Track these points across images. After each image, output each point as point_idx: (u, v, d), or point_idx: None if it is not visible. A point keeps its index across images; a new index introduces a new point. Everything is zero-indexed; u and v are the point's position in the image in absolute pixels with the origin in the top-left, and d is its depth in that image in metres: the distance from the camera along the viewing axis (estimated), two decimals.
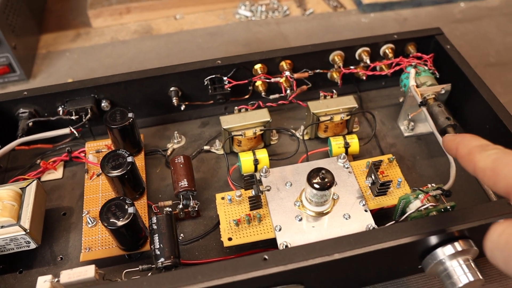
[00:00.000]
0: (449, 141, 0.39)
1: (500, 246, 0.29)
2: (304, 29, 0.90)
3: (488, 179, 0.32)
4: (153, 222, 0.49)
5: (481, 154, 0.33)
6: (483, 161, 0.33)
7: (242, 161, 0.58)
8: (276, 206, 0.52)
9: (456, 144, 0.37)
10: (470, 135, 0.37)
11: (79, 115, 0.63)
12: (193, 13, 0.95)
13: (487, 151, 0.33)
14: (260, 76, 0.65)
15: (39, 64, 0.85)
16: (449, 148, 0.38)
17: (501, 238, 0.29)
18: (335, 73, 0.69)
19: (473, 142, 0.35)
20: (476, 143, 0.35)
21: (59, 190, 0.62)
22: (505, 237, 0.29)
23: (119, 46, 0.88)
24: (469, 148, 0.35)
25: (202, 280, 0.42)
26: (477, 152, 0.34)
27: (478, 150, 0.34)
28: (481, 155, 0.33)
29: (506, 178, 0.30)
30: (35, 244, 0.52)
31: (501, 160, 0.32)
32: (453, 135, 0.39)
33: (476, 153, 0.34)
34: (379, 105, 0.72)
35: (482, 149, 0.34)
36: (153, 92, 0.65)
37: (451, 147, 0.38)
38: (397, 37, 0.69)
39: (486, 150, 0.33)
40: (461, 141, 0.37)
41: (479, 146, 0.34)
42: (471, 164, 0.34)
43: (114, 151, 0.54)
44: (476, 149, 0.34)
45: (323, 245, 0.44)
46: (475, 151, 0.34)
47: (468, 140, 0.36)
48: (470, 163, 0.34)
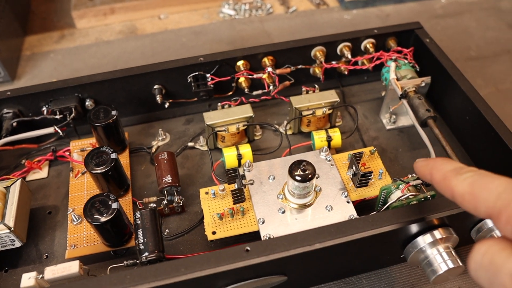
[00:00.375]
0: (421, 167, 0.38)
1: (484, 266, 0.29)
2: (288, 26, 0.91)
3: (468, 204, 0.31)
4: (137, 217, 0.49)
5: (457, 178, 0.33)
6: (459, 186, 0.32)
7: (225, 156, 0.59)
8: (259, 200, 0.53)
9: (429, 169, 0.37)
10: (441, 158, 0.37)
11: (64, 115, 0.63)
12: (177, 13, 0.96)
13: (462, 174, 0.33)
14: (243, 72, 0.66)
15: (23, 66, 0.85)
16: (422, 174, 0.38)
17: (484, 258, 0.29)
18: (317, 69, 0.70)
19: (447, 167, 0.35)
20: (449, 167, 0.34)
21: (44, 189, 0.62)
22: (489, 256, 0.28)
23: (103, 46, 0.89)
24: (443, 173, 0.34)
25: (185, 272, 0.42)
26: (452, 177, 0.33)
27: (453, 174, 0.33)
28: (457, 180, 0.33)
29: (485, 201, 0.30)
30: (20, 243, 0.52)
31: (478, 183, 0.31)
32: (424, 160, 0.39)
33: (452, 177, 0.33)
34: (361, 99, 0.73)
35: (457, 173, 0.33)
36: (137, 90, 0.65)
37: (424, 173, 0.37)
38: (377, 31, 0.70)
39: (461, 174, 0.33)
40: (434, 166, 0.36)
41: (453, 170, 0.34)
42: (448, 190, 0.34)
43: (98, 148, 0.54)
44: (450, 173, 0.34)
45: (305, 235, 0.45)
46: (450, 176, 0.34)
47: (441, 164, 0.35)
48: (447, 189, 0.34)
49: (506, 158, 0.55)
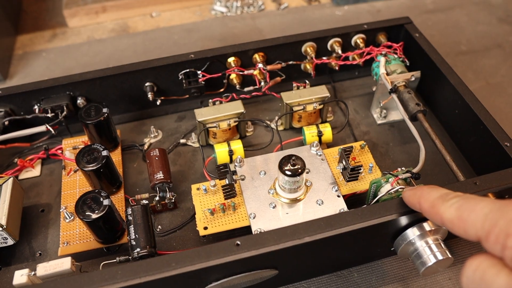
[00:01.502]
0: (409, 197, 0.39)
1: (475, 281, 0.30)
2: (279, 23, 0.91)
3: (458, 228, 0.33)
4: (128, 214, 0.50)
5: (444, 205, 0.34)
6: (447, 213, 0.34)
7: (217, 152, 0.59)
8: (250, 195, 0.53)
9: (417, 198, 0.38)
10: (427, 187, 0.38)
11: (55, 113, 0.63)
12: (169, 10, 0.96)
13: (448, 201, 0.34)
14: (234, 69, 0.66)
15: (15, 65, 0.85)
16: (411, 204, 0.39)
17: (476, 274, 0.30)
18: (308, 64, 0.70)
19: (433, 194, 0.36)
20: (436, 194, 0.36)
21: (37, 187, 0.62)
22: (480, 273, 0.30)
23: (95, 44, 0.89)
24: (431, 202, 0.36)
25: (176, 267, 0.42)
26: (440, 204, 0.34)
27: (440, 201, 0.35)
28: (444, 207, 0.34)
29: (474, 224, 0.31)
30: (12, 241, 0.53)
31: (464, 207, 0.32)
32: (411, 190, 0.40)
33: (439, 205, 0.35)
34: (352, 95, 0.73)
35: (444, 200, 0.34)
36: (129, 87, 0.66)
37: (413, 202, 0.39)
38: (367, 27, 0.70)
39: (447, 200, 0.34)
40: (422, 195, 0.37)
41: (440, 197, 0.35)
42: (437, 217, 0.35)
43: (89, 146, 0.55)
44: (437, 201, 0.35)
45: (294, 229, 0.45)
46: (437, 204, 0.35)
47: (428, 193, 0.37)
48: (436, 216, 0.35)
49: (496, 152, 0.55)
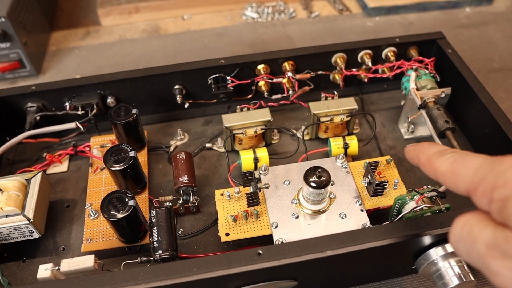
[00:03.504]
0: (410, 151, 0.40)
1: (463, 237, 0.30)
2: (310, 31, 0.91)
3: (449, 182, 0.33)
4: (152, 216, 0.50)
5: (440, 159, 0.35)
6: (442, 166, 0.34)
7: (242, 159, 0.59)
8: (273, 204, 0.53)
9: (416, 153, 0.38)
10: (428, 143, 0.39)
11: (85, 111, 0.65)
12: (200, 14, 0.96)
13: (444, 155, 0.35)
14: (263, 76, 0.66)
15: (48, 61, 0.87)
16: (411, 158, 0.40)
17: (463, 230, 0.30)
18: (337, 75, 0.70)
19: (432, 149, 0.37)
20: (434, 149, 0.36)
21: (63, 182, 0.64)
22: (467, 228, 0.30)
23: (127, 44, 0.90)
24: (428, 155, 0.36)
25: (197, 272, 0.43)
26: (436, 158, 0.35)
27: (436, 156, 0.35)
28: (439, 160, 0.35)
29: (465, 178, 0.31)
30: (38, 234, 0.54)
31: (458, 162, 0.33)
32: (412, 145, 0.40)
33: (435, 159, 0.35)
34: (380, 108, 0.73)
35: (440, 154, 0.35)
36: (158, 89, 0.67)
37: (412, 156, 0.39)
38: (399, 40, 0.70)
39: (444, 155, 0.35)
40: (421, 150, 0.38)
41: (437, 152, 0.36)
42: (432, 170, 0.35)
43: (117, 146, 0.55)
44: (434, 155, 0.36)
45: (317, 241, 0.45)
46: (434, 157, 0.35)
47: (427, 147, 0.37)
48: (431, 169, 0.36)
49: None
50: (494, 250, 0.28)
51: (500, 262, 0.27)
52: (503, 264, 0.27)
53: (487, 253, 0.28)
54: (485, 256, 0.28)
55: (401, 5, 0.95)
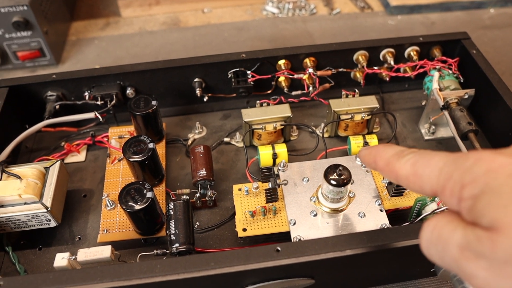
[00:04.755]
0: (365, 156, 0.38)
1: (433, 242, 0.29)
2: (330, 28, 0.90)
3: (413, 185, 0.32)
4: (170, 208, 0.50)
5: (399, 162, 0.33)
6: (403, 169, 0.32)
7: (261, 154, 0.59)
8: (292, 200, 0.53)
9: (373, 157, 0.36)
10: (383, 145, 0.37)
11: (104, 101, 0.65)
12: (221, 8, 0.96)
13: (404, 157, 0.33)
14: (284, 71, 0.66)
15: (68, 50, 0.87)
16: (367, 163, 0.38)
17: (433, 234, 0.29)
18: (358, 73, 0.69)
19: (389, 152, 0.35)
20: (391, 152, 0.35)
21: (81, 172, 0.64)
22: (437, 231, 0.28)
23: (146, 36, 0.90)
24: (386, 159, 0.35)
25: (215, 267, 0.42)
26: (395, 161, 0.33)
27: (395, 158, 0.34)
28: (399, 163, 0.33)
29: (429, 179, 0.30)
30: (55, 223, 0.54)
31: (420, 162, 0.31)
32: (367, 149, 0.38)
33: (394, 162, 0.33)
34: (401, 107, 0.72)
35: (399, 157, 0.33)
36: (178, 82, 0.66)
37: (369, 161, 0.37)
38: (422, 39, 0.69)
39: (403, 157, 0.33)
40: (377, 154, 0.36)
41: (395, 154, 0.34)
42: (392, 174, 0.34)
43: (136, 137, 0.55)
44: (393, 158, 0.34)
45: (336, 240, 0.44)
46: (392, 161, 0.34)
47: (383, 151, 0.36)
48: (391, 174, 0.34)
49: None
50: (467, 251, 0.26)
51: (475, 264, 0.26)
52: (478, 265, 0.26)
53: (461, 255, 0.26)
54: (459, 259, 0.27)
55: (423, 4, 0.93)
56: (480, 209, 0.26)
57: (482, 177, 0.27)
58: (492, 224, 0.25)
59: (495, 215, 0.25)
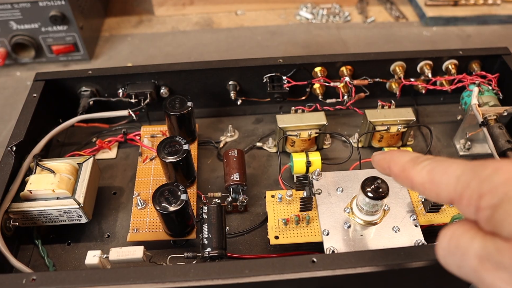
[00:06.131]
0: (379, 161, 0.37)
1: (451, 251, 0.28)
2: (364, 36, 0.89)
3: (430, 192, 0.31)
4: (204, 212, 0.50)
5: (415, 168, 0.32)
6: (418, 176, 0.32)
7: (294, 161, 0.58)
8: (325, 210, 0.52)
9: (387, 162, 0.36)
10: (398, 150, 0.36)
11: (138, 99, 0.64)
12: (254, 10, 0.96)
13: (419, 164, 0.32)
14: (320, 79, 0.65)
15: (101, 46, 0.88)
16: (381, 168, 0.37)
17: (451, 243, 0.28)
18: (394, 84, 0.68)
19: (404, 158, 0.34)
20: (406, 158, 0.34)
21: (111, 169, 0.64)
22: (455, 241, 0.28)
23: (179, 36, 0.90)
24: (401, 165, 0.34)
25: (249, 275, 0.42)
26: (411, 168, 0.33)
27: (410, 165, 0.33)
28: (415, 170, 0.32)
29: (446, 187, 0.29)
30: (86, 219, 0.54)
31: (436, 170, 0.30)
32: (381, 153, 0.38)
33: (410, 168, 0.33)
34: (435, 121, 0.71)
35: (415, 163, 0.33)
36: (212, 84, 0.66)
37: (383, 166, 0.36)
38: (462, 53, 0.67)
39: (419, 164, 0.32)
40: (391, 159, 0.35)
41: (410, 160, 0.33)
42: (407, 181, 0.33)
43: (171, 138, 0.55)
44: (408, 164, 0.33)
45: (372, 254, 0.44)
46: (408, 167, 0.33)
47: (398, 156, 0.35)
48: (406, 180, 0.33)
49: None
50: (487, 262, 0.26)
51: (495, 275, 0.25)
52: (498, 276, 0.25)
53: (480, 266, 0.26)
54: (478, 270, 0.26)
55: (460, 16, 0.92)
56: (499, 219, 0.26)
57: (501, 187, 0.26)
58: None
59: None
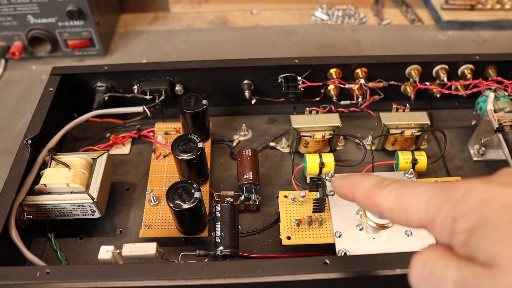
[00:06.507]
0: (340, 187, 0.35)
1: (425, 279, 0.27)
2: (379, 39, 0.89)
3: (398, 218, 0.29)
4: (217, 210, 0.50)
5: (381, 193, 0.30)
6: (385, 201, 0.30)
7: (308, 162, 0.58)
8: (338, 212, 0.52)
9: (349, 188, 0.34)
10: (359, 174, 0.34)
11: (153, 96, 0.65)
12: (269, 10, 0.95)
13: (385, 188, 0.30)
14: (335, 80, 0.65)
15: (116, 42, 0.88)
16: (343, 194, 0.35)
17: (425, 269, 0.27)
18: (409, 87, 0.68)
19: (367, 182, 0.32)
20: (370, 182, 0.32)
21: (124, 165, 0.64)
22: (429, 267, 0.27)
23: (194, 33, 0.90)
24: (365, 191, 0.32)
25: (262, 275, 0.42)
26: (376, 193, 0.31)
27: (375, 190, 0.31)
28: (381, 195, 0.30)
29: (416, 212, 0.28)
30: (99, 214, 0.54)
31: (404, 193, 0.29)
32: (341, 178, 0.35)
33: (375, 194, 0.31)
34: (449, 125, 0.70)
35: (380, 188, 0.31)
36: (227, 82, 0.66)
37: (345, 192, 0.34)
38: (478, 58, 0.67)
39: (384, 188, 0.31)
40: (353, 184, 0.33)
41: (375, 185, 0.31)
42: (374, 207, 0.31)
43: (186, 135, 0.55)
44: (373, 189, 0.31)
45: (385, 258, 0.43)
46: (373, 192, 0.31)
47: (361, 181, 0.33)
48: (373, 207, 0.31)
49: None
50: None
51: None
52: None
53: None
54: None
55: (476, 21, 0.91)
56: (476, 244, 0.25)
57: (476, 209, 0.25)
58: (490, 260, 0.24)
59: (492, 250, 0.24)
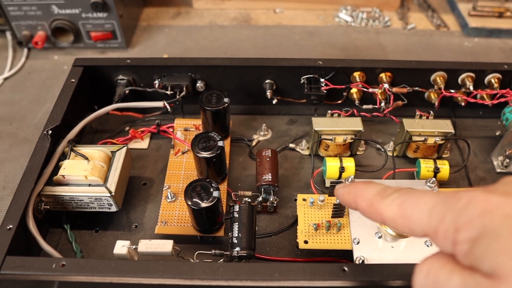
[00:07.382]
0: (344, 195, 0.35)
1: (429, 287, 0.27)
2: (404, 43, 0.87)
3: (401, 227, 0.30)
4: (235, 210, 0.49)
5: (384, 202, 0.31)
6: (388, 210, 0.30)
7: (328, 166, 0.57)
8: (357, 218, 0.51)
9: (353, 197, 0.34)
10: (362, 182, 0.34)
11: (174, 91, 0.64)
12: (293, 9, 0.95)
13: (388, 197, 0.31)
14: (358, 83, 0.64)
15: (138, 35, 0.88)
16: (346, 203, 0.35)
17: (428, 279, 0.27)
18: (433, 94, 0.67)
19: (370, 191, 0.32)
20: (373, 191, 0.32)
21: (142, 160, 0.63)
22: (432, 276, 0.27)
23: (216, 30, 0.89)
24: (368, 199, 0.32)
25: (279, 279, 0.41)
26: (379, 201, 0.31)
27: (378, 198, 0.31)
28: (384, 204, 0.31)
29: (419, 221, 0.28)
30: (116, 208, 0.54)
31: (407, 203, 0.29)
32: (344, 187, 0.36)
33: (378, 202, 0.31)
34: (473, 135, 0.69)
35: (383, 197, 0.31)
36: (249, 81, 0.65)
37: (348, 201, 0.35)
38: (507, 67, 0.65)
39: (387, 197, 0.31)
40: (357, 193, 0.34)
41: (378, 194, 0.32)
42: (377, 216, 0.32)
43: (206, 133, 0.54)
44: (376, 198, 0.32)
45: (405, 268, 0.42)
46: (376, 201, 0.31)
47: (364, 190, 0.33)
48: (376, 215, 0.32)
49: None
50: None
51: None
52: None
53: None
54: None
55: (504, 28, 0.90)
56: (479, 254, 0.25)
57: (478, 219, 0.25)
58: (493, 270, 0.24)
59: (496, 260, 0.24)
